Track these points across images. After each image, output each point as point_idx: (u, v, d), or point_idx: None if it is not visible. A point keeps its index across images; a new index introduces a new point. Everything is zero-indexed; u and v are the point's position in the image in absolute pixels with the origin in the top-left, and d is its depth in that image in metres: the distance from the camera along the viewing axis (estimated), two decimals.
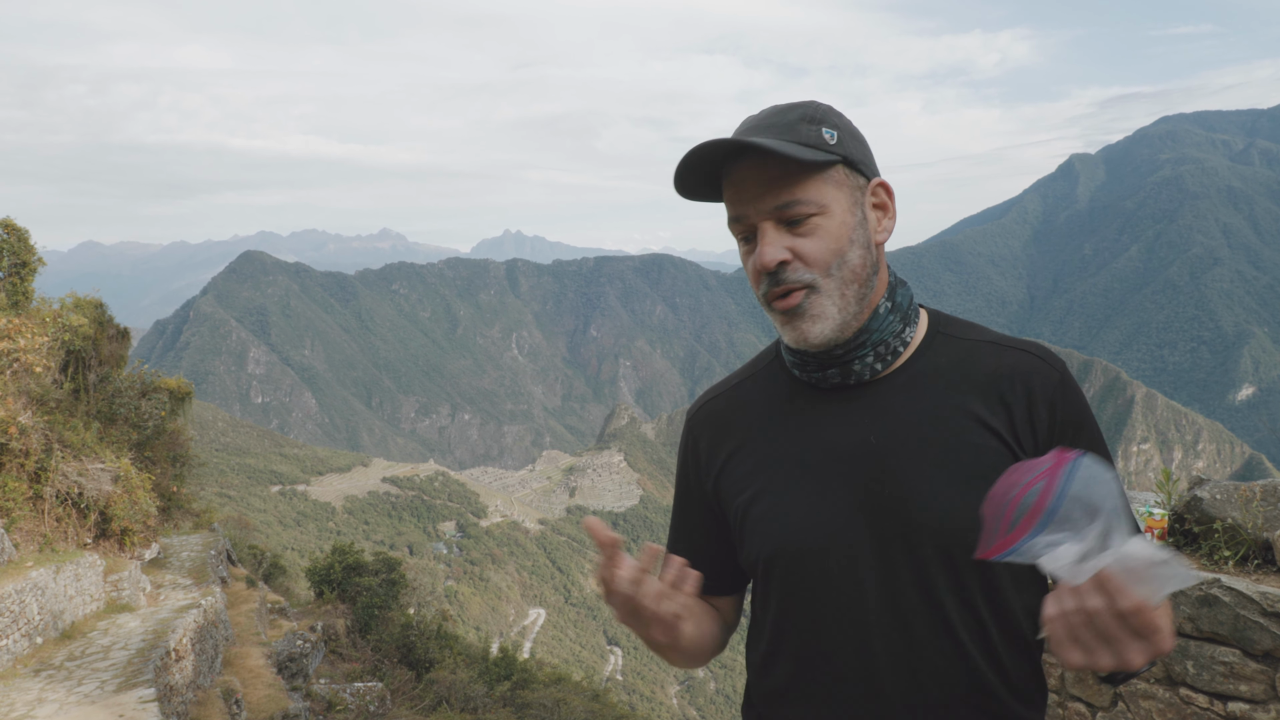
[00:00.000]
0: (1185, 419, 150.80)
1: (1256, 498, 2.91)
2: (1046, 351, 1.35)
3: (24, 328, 9.21)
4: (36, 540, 7.92)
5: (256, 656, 9.71)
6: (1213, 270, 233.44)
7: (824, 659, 1.30)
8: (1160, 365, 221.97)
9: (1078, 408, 1.32)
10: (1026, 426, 1.29)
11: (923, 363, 1.35)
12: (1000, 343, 1.36)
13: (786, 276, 1.26)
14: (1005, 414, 1.29)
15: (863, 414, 1.33)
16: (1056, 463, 1.04)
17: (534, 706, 15.95)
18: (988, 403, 1.30)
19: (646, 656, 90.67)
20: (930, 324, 1.40)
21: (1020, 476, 1.05)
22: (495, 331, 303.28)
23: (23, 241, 11.26)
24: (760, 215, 1.27)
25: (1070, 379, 1.34)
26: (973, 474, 1.26)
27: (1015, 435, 1.29)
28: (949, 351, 1.36)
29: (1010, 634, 1.29)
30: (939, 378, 1.33)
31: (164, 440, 12.45)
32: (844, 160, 1.28)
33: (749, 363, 1.53)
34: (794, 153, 1.22)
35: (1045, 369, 1.32)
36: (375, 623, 15.87)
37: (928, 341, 1.37)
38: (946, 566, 1.26)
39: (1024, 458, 1.23)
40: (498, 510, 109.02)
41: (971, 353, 1.35)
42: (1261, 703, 2.55)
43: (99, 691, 5.92)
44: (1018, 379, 1.31)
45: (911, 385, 1.33)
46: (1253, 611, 2.56)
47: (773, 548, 1.34)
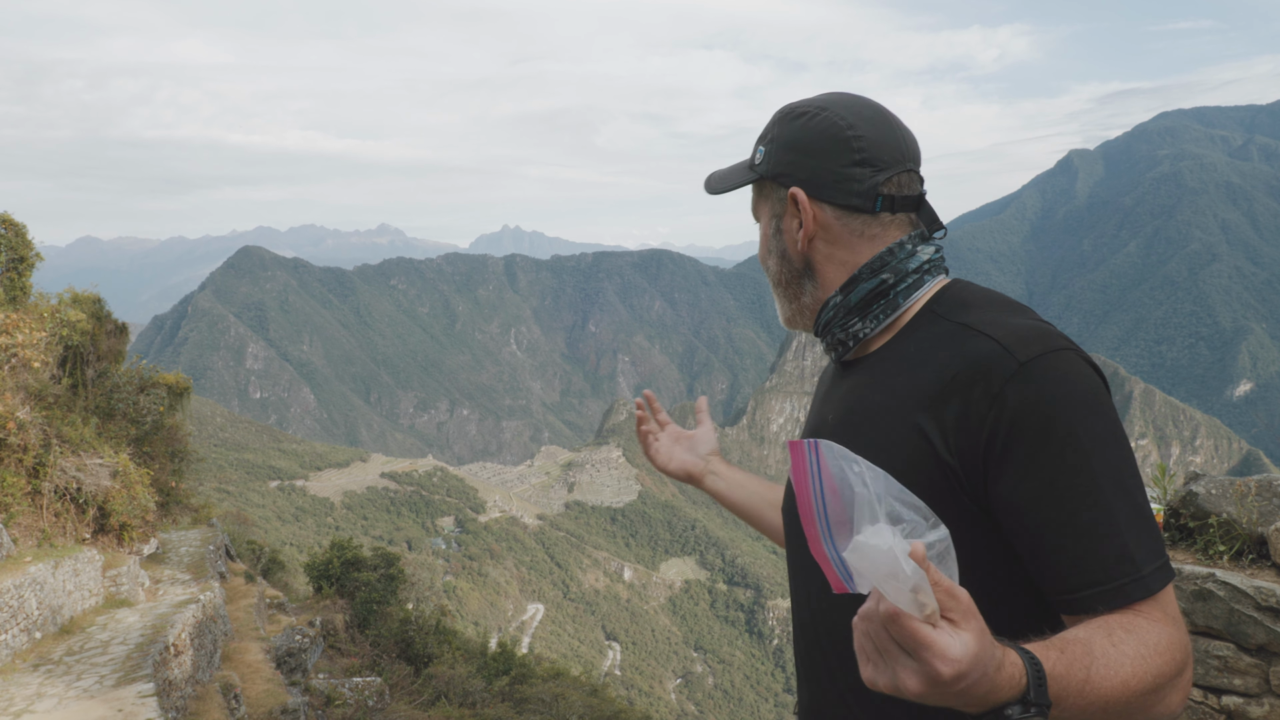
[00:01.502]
0: (1183, 414, 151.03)
1: (1252, 493, 2.92)
2: (1020, 341, 1.16)
3: (22, 323, 9.20)
4: (35, 535, 7.93)
5: (255, 651, 9.71)
6: (1211, 266, 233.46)
7: (797, 629, 1.41)
8: (1158, 361, 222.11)
9: (1047, 410, 1.11)
10: (957, 425, 1.16)
11: (900, 345, 1.32)
12: (975, 327, 1.22)
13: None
14: (940, 410, 1.18)
15: (841, 392, 1.39)
16: (796, 460, 0.97)
17: (532, 701, 15.98)
18: (929, 394, 1.21)
19: (645, 652, 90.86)
20: (929, 302, 1.33)
21: (799, 493, 0.98)
22: (494, 327, 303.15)
23: (20, 237, 11.23)
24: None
25: (1039, 374, 1.13)
26: (884, 466, 1.07)
27: (943, 434, 1.17)
28: (925, 334, 1.29)
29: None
30: (901, 363, 1.29)
31: (162, 435, 12.44)
32: (768, 176, 1.40)
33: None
34: (714, 186, 1.50)
35: (1001, 361, 1.15)
36: (374, 618, 15.89)
37: (915, 321, 1.32)
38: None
39: (950, 461, 1.16)
40: (496, 505, 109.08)
41: (942, 336, 1.25)
42: (1255, 696, 2.57)
43: (98, 686, 5.93)
44: (967, 371, 1.17)
45: (875, 368, 1.33)
46: (1247, 606, 2.57)
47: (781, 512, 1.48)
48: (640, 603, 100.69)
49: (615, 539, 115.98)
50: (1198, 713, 2.69)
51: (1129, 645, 1.04)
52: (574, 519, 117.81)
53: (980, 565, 1.15)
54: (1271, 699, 2.54)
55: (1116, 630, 1.06)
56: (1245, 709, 2.58)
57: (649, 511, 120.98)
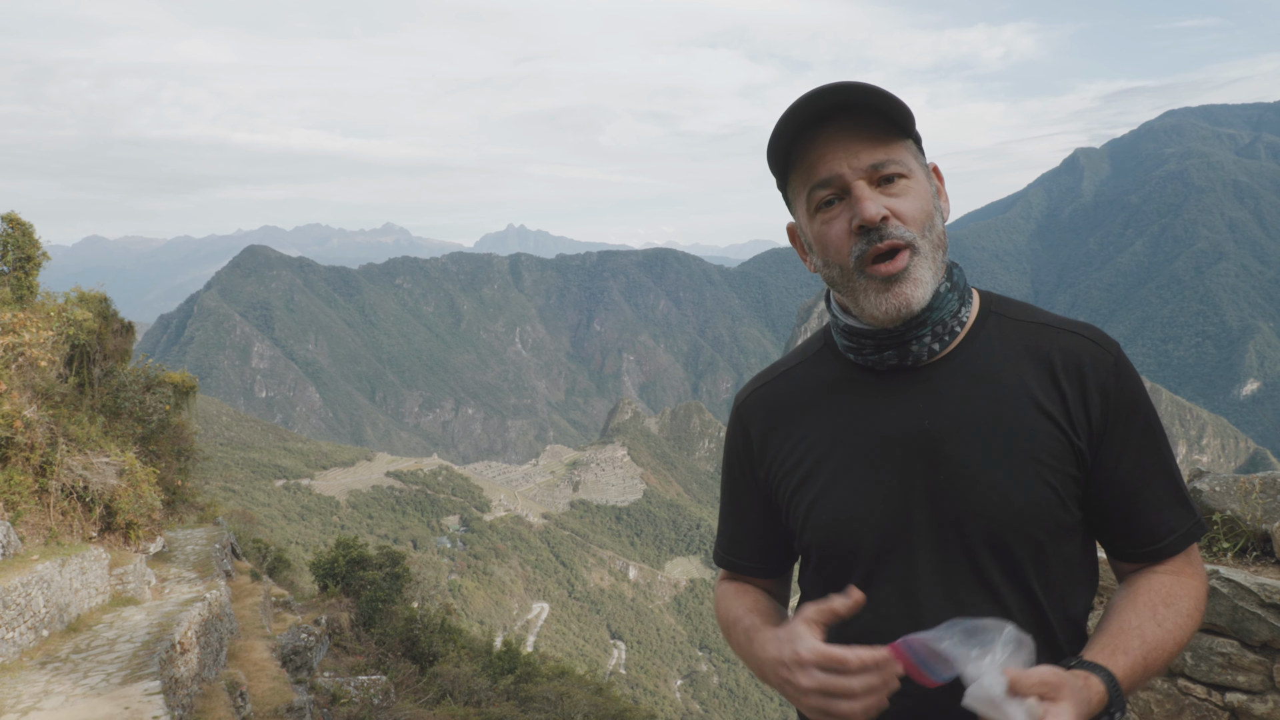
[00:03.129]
0: (1190, 414, 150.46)
1: (1256, 490, 2.91)
2: (1100, 334, 1.36)
3: (29, 322, 9.23)
4: (42, 534, 7.96)
5: (261, 650, 9.74)
6: (1218, 265, 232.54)
7: (877, 640, 1.25)
8: (1165, 360, 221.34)
9: (1132, 391, 1.33)
10: (1081, 411, 1.30)
11: (977, 345, 1.35)
12: (1053, 324, 1.36)
13: (890, 232, 1.26)
14: (1059, 398, 1.30)
15: (918, 398, 1.33)
16: (901, 659, 1.13)
17: (537, 700, 15.99)
18: (1042, 386, 1.30)
19: (650, 650, 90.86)
20: (983, 305, 1.40)
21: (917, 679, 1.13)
22: (499, 326, 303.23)
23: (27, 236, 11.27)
24: (856, 172, 1.27)
25: (1125, 362, 1.34)
26: (1029, 459, 1.27)
27: (1070, 420, 1.30)
28: (1003, 333, 1.36)
29: (1065, 621, 1.32)
30: (993, 360, 1.33)
31: (168, 434, 12.47)
32: (915, 137, 1.34)
33: (796, 349, 1.53)
34: (901, 106, 1.28)
35: (1099, 352, 1.33)
36: (379, 616, 15.91)
37: (980, 323, 1.37)
38: (1002, 553, 1.27)
39: (1078, 442, 1.29)
40: (501, 505, 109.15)
41: (1026, 335, 1.35)
42: (1259, 693, 2.57)
43: (104, 684, 5.95)
44: (1071, 362, 1.31)
45: (966, 368, 1.33)
46: (1251, 603, 2.57)
47: (826, 533, 1.35)
48: (645, 601, 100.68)
49: (620, 538, 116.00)
50: (1201, 710, 2.69)
51: (1170, 621, 1.27)
52: (579, 518, 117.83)
53: (1084, 532, 1.36)
54: (1275, 696, 2.54)
55: (1160, 609, 1.28)
56: (1249, 706, 2.57)
57: (654, 510, 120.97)
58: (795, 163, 1.32)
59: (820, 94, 1.25)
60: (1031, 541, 1.28)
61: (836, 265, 1.31)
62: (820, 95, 1.25)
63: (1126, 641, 1.23)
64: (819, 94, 1.25)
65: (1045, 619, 1.29)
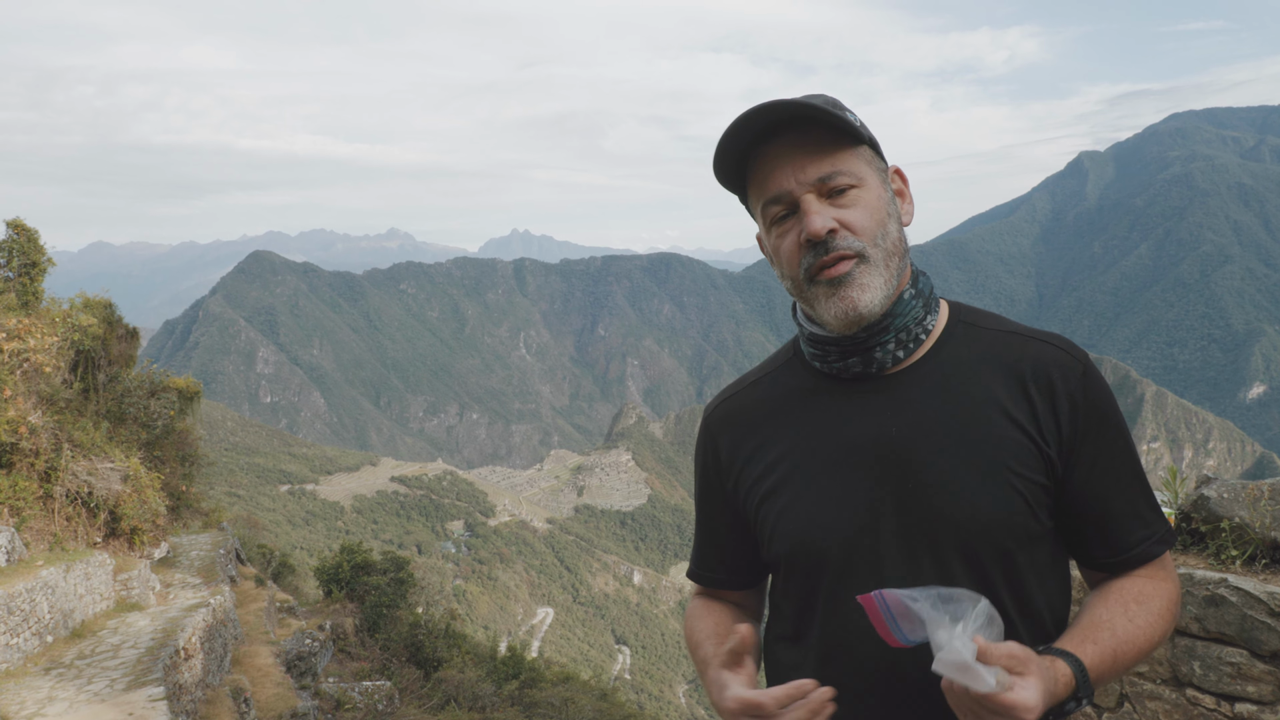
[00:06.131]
0: (1196, 417, 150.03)
1: (1264, 496, 2.89)
2: (1069, 343, 1.36)
3: (34, 328, 9.25)
4: (46, 539, 7.97)
5: (265, 655, 9.74)
6: (1223, 268, 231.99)
7: (845, 650, 1.30)
8: (1170, 363, 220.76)
9: (1102, 400, 1.33)
10: (1050, 420, 1.30)
11: (945, 353, 1.35)
12: (1022, 333, 1.36)
13: (837, 244, 1.26)
14: (1028, 406, 1.30)
15: (885, 405, 1.32)
16: (871, 610, 1.16)
17: (542, 705, 15.97)
18: (1011, 394, 1.30)
19: (655, 655, 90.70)
20: (951, 314, 1.40)
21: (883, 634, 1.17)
22: (503, 331, 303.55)
23: (33, 242, 11.32)
24: (803, 187, 1.28)
25: (1094, 371, 1.34)
26: (997, 467, 1.27)
27: (1039, 428, 1.30)
28: (971, 341, 1.36)
29: (1033, 625, 1.32)
30: (961, 368, 1.33)
31: (173, 439, 12.49)
32: (869, 143, 1.33)
33: (765, 361, 1.53)
34: (842, 118, 1.26)
35: (1068, 360, 1.32)
36: (384, 621, 15.90)
37: (949, 331, 1.37)
38: (970, 559, 1.27)
39: (1048, 451, 1.29)
40: (506, 509, 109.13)
41: (994, 343, 1.35)
42: (1269, 704, 2.54)
43: (109, 690, 5.95)
44: (1041, 371, 1.31)
45: (933, 376, 1.33)
46: (1260, 612, 2.55)
47: (794, 543, 1.34)
48: (650, 606, 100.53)
49: (625, 543, 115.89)
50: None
51: (1141, 618, 1.29)
52: (583, 523, 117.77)
53: (1054, 540, 1.36)
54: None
55: (1131, 605, 1.30)
56: (1259, 716, 2.55)
57: (659, 515, 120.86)
58: (750, 179, 1.34)
59: (761, 111, 1.26)
60: (1001, 550, 1.27)
61: (789, 277, 1.33)
62: (761, 112, 1.26)
63: (1097, 634, 1.25)
64: (760, 111, 1.26)
65: (1015, 629, 1.29)
